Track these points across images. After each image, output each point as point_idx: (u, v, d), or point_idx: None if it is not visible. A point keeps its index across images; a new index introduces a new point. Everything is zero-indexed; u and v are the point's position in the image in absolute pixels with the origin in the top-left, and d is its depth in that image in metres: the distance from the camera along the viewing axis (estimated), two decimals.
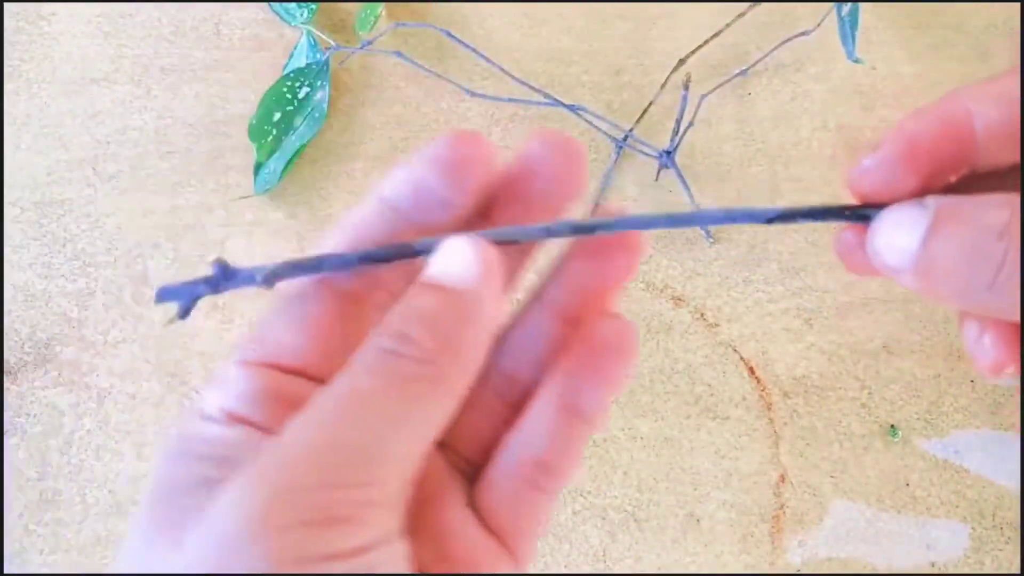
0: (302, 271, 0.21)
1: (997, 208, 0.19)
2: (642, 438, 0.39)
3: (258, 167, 0.42)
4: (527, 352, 0.23)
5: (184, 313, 0.21)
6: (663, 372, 0.40)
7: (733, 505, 0.39)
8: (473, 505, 0.22)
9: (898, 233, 0.20)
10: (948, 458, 0.39)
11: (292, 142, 0.42)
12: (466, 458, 0.23)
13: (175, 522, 0.18)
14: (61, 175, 0.43)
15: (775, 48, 0.43)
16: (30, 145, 0.44)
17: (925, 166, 0.21)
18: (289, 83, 0.42)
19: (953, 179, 0.21)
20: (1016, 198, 0.19)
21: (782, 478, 0.39)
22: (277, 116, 0.42)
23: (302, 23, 0.43)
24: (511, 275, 0.24)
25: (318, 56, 0.42)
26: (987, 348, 0.21)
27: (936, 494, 0.39)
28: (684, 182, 0.41)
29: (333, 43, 0.43)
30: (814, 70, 0.43)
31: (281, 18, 0.44)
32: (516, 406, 0.23)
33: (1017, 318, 0.19)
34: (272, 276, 0.21)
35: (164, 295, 0.22)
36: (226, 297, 0.41)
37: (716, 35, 0.43)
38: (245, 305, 0.41)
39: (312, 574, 0.17)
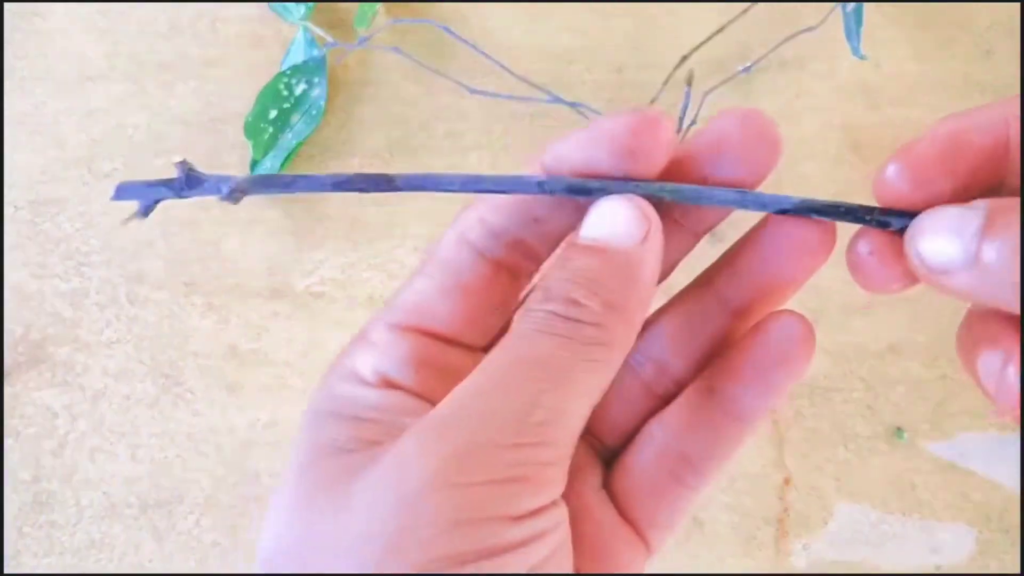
0: (271, 187, 0.21)
1: None
2: None
3: (254, 164, 0.41)
4: (682, 341, 0.22)
5: (144, 213, 0.21)
6: None
7: (737, 508, 0.38)
8: (609, 488, 0.22)
9: (945, 236, 0.19)
10: (954, 460, 0.38)
11: (289, 139, 0.41)
12: (604, 443, 0.23)
13: (337, 482, 0.18)
14: (56, 174, 0.43)
15: (779, 45, 0.42)
16: (24, 143, 0.43)
17: (963, 171, 0.20)
18: (286, 80, 0.41)
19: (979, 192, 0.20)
20: None
21: (786, 480, 0.38)
22: (273, 113, 0.41)
23: (299, 20, 0.42)
24: (685, 243, 0.23)
25: (315, 53, 0.42)
26: (1011, 382, 0.19)
27: (942, 497, 0.38)
28: None
29: (330, 39, 0.42)
30: (818, 67, 0.43)
31: (279, 15, 0.43)
32: (663, 396, 0.22)
33: None
34: (239, 189, 0.20)
35: (123, 192, 0.21)
36: (222, 298, 0.41)
37: (719, 31, 0.42)
38: (241, 306, 0.41)
39: (494, 541, 0.17)
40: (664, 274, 0.22)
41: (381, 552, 0.16)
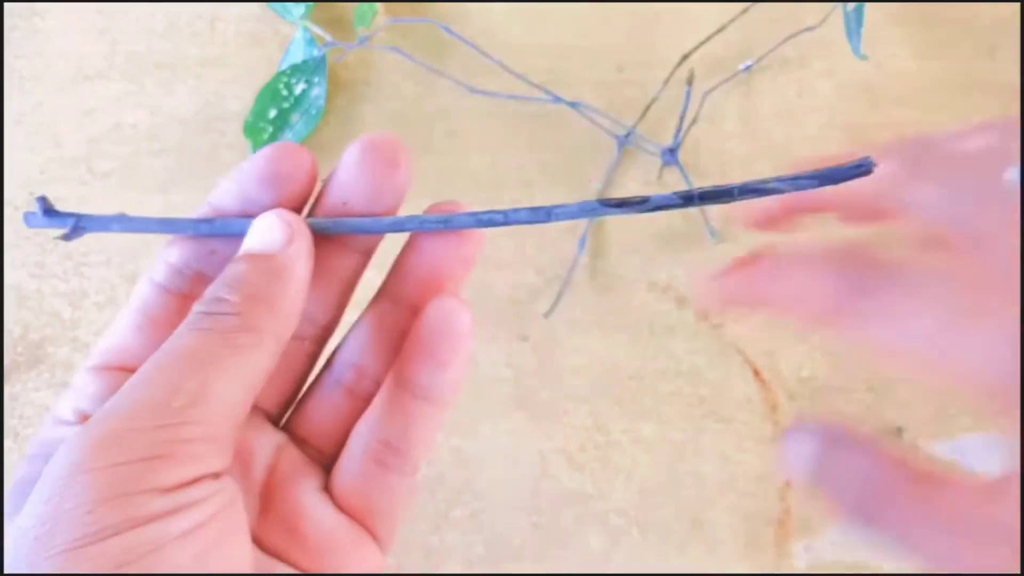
0: (103, 226, 0.24)
1: None
2: (645, 441, 0.39)
3: None
4: (374, 344, 0.24)
5: (69, 237, 0.24)
6: (666, 374, 0.39)
7: (738, 509, 0.38)
8: (329, 490, 0.24)
9: None
10: (955, 461, 0.38)
11: (288, 139, 0.41)
12: (323, 451, 0.25)
13: (19, 507, 0.19)
14: (54, 173, 0.43)
15: (780, 44, 0.42)
16: (23, 143, 0.43)
17: None
18: (285, 79, 0.41)
19: None
20: None
21: (787, 482, 0.38)
22: (273, 113, 0.41)
23: (298, 19, 0.42)
24: (356, 262, 0.25)
25: (315, 52, 0.42)
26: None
27: None
28: (687, 179, 0.41)
29: (330, 39, 0.42)
30: (819, 66, 0.43)
31: (278, 14, 0.43)
32: (366, 398, 0.25)
33: None
34: (78, 228, 0.24)
35: (32, 221, 0.24)
36: None
37: (720, 31, 0.42)
38: None
39: (138, 512, 0.18)
40: (344, 294, 0.25)
41: (33, 542, 0.18)
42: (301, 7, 0.42)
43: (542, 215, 0.23)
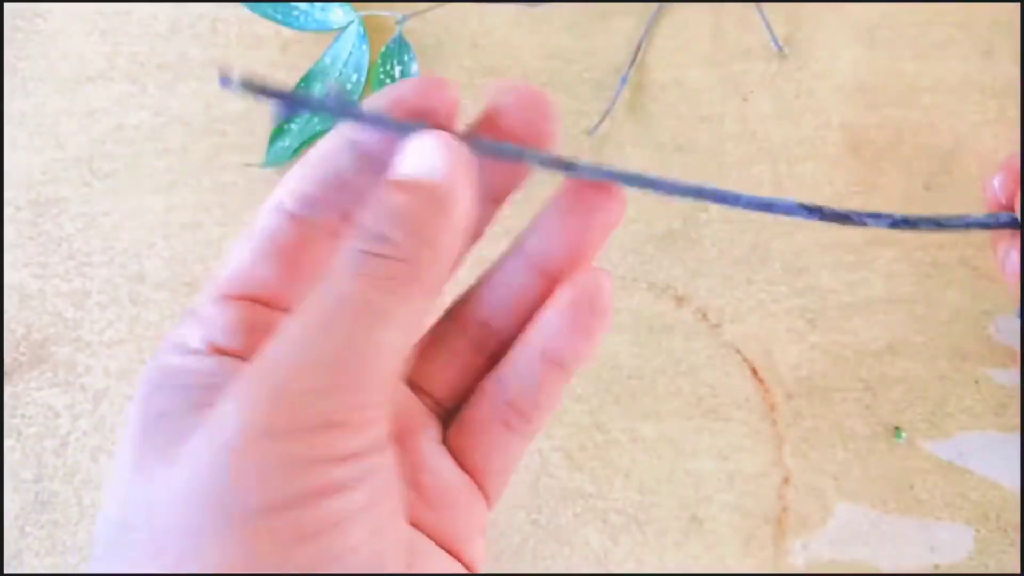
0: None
1: None
2: (644, 440, 0.39)
3: (271, 143, 0.41)
4: (504, 303, 0.24)
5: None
6: (665, 373, 0.40)
7: (736, 507, 0.38)
8: (447, 443, 0.23)
9: None
10: (952, 460, 0.39)
11: (313, 124, 0.41)
12: (441, 403, 0.24)
13: (168, 445, 0.18)
14: (56, 174, 0.43)
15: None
16: (25, 144, 0.43)
17: None
18: (382, 69, 0.41)
19: None
20: None
21: (785, 480, 0.39)
22: None
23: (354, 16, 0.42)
24: (487, 210, 0.24)
25: (364, 47, 0.42)
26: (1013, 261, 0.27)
27: (940, 496, 0.38)
28: None
29: (399, 15, 0.42)
30: (817, 67, 0.43)
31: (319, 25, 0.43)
32: (491, 356, 0.24)
33: None
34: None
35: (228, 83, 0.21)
36: None
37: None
38: None
39: (319, 481, 0.17)
40: (474, 238, 0.24)
41: (206, 505, 0.16)
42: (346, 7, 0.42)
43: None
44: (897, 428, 0.39)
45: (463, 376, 0.24)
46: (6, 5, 0.45)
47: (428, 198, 0.20)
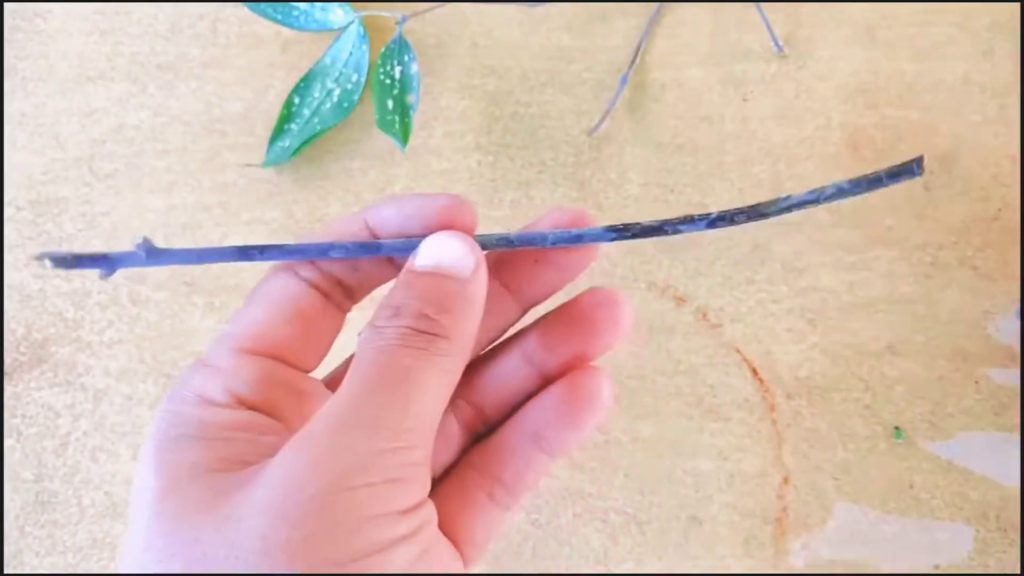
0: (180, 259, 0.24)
1: None
2: (644, 440, 0.39)
3: (271, 143, 0.41)
4: (501, 396, 0.26)
5: (106, 275, 0.23)
6: (665, 373, 0.40)
7: (736, 508, 0.38)
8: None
9: None
10: (952, 460, 0.39)
11: (313, 124, 0.41)
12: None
13: (217, 499, 0.19)
14: (57, 174, 0.43)
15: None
16: (26, 144, 0.43)
17: None
18: (382, 68, 0.41)
19: None
20: None
21: (785, 480, 0.39)
22: (390, 103, 0.41)
23: (353, 16, 0.42)
24: (511, 312, 0.26)
25: (364, 47, 0.42)
26: None
27: (940, 496, 0.38)
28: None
29: (400, 15, 0.42)
30: (817, 67, 0.43)
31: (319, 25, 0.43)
32: (477, 434, 0.26)
33: None
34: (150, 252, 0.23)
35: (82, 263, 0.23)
36: (223, 298, 0.41)
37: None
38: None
39: (385, 535, 0.18)
40: (489, 340, 0.26)
41: (288, 556, 0.17)
42: (345, 7, 0.42)
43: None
44: (897, 428, 0.39)
45: (448, 450, 0.26)
46: (6, 5, 0.45)
47: (458, 287, 0.22)
